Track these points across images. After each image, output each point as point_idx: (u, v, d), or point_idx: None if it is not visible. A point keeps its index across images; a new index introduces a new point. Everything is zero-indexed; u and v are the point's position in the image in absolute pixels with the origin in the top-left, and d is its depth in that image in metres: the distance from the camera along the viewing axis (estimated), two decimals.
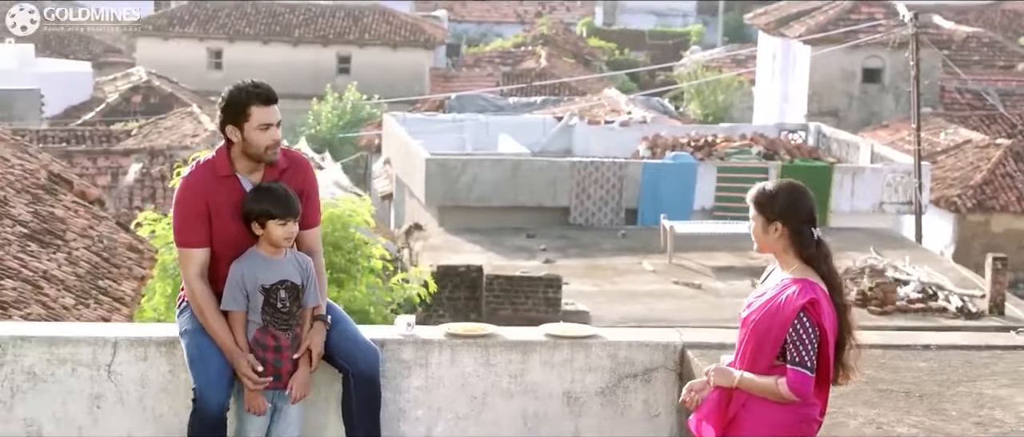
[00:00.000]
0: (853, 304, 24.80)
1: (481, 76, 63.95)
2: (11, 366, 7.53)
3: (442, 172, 36.32)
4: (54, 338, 7.65)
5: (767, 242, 6.63)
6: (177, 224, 7.48)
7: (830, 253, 6.62)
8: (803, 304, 6.33)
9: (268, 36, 64.00)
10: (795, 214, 6.60)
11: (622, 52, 76.30)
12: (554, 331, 7.90)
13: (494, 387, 7.77)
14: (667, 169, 36.23)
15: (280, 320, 7.37)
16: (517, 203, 36.06)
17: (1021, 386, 7.52)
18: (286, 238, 7.34)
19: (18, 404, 7.55)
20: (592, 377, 7.78)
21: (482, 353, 7.77)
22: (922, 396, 7.33)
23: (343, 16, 66.31)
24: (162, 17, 67.91)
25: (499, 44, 75.59)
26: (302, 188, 7.58)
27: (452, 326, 7.99)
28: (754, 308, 6.54)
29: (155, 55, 61.97)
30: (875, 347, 8.05)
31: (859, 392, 7.33)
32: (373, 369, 7.50)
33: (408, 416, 7.75)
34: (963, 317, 27.16)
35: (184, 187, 7.48)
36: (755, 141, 38.06)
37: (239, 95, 7.50)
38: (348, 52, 63.86)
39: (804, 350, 6.31)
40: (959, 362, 7.90)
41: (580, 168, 36.29)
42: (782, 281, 6.52)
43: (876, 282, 28.40)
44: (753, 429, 6.42)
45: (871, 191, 35.97)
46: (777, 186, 6.71)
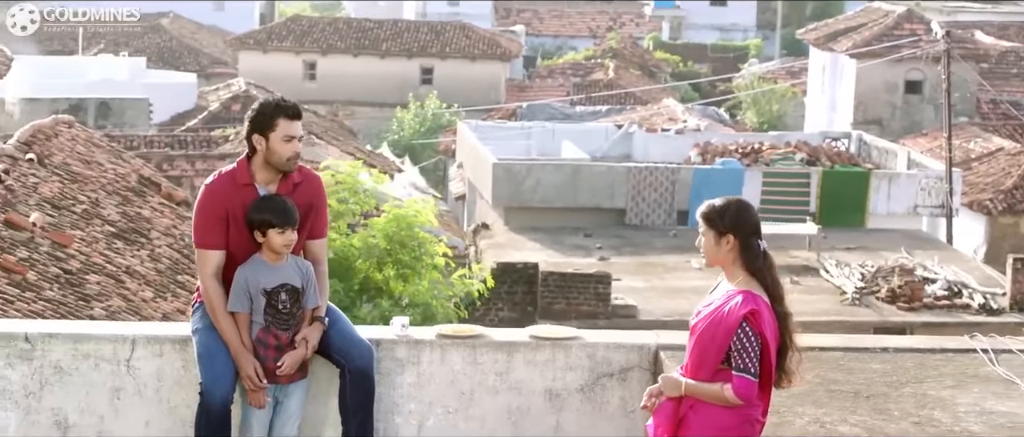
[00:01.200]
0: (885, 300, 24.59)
1: (552, 86, 63.95)
2: (40, 361, 7.59)
3: (508, 176, 36.34)
4: (78, 335, 7.71)
5: (717, 255, 6.58)
6: (197, 226, 7.52)
7: (774, 265, 6.58)
8: (745, 314, 6.31)
9: (358, 49, 64.18)
10: (743, 227, 6.57)
11: (686, 64, 75.93)
12: (537, 333, 7.90)
13: (481, 384, 7.76)
14: (716, 174, 36.10)
15: (281, 321, 7.40)
16: (577, 205, 36.03)
17: (964, 388, 7.44)
18: (285, 245, 7.37)
19: (47, 395, 7.61)
20: (572, 375, 7.76)
21: (470, 352, 7.76)
22: (870, 396, 7.26)
23: (426, 31, 66.50)
24: (263, 32, 68.31)
25: (571, 57, 75.46)
26: (313, 202, 7.62)
27: (443, 327, 8.02)
28: (701, 317, 6.52)
29: (255, 67, 62.31)
30: (835, 349, 7.99)
31: (811, 392, 7.27)
32: (367, 365, 7.52)
33: (401, 410, 7.75)
34: (985, 313, 26.93)
35: (206, 193, 7.53)
36: (798, 148, 37.84)
37: (269, 107, 7.54)
38: (431, 64, 63.94)
39: (747, 357, 6.29)
40: (911, 364, 7.80)
41: (635, 172, 36.24)
42: (727, 292, 6.49)
43: (905, 280, 28.22)
44: (700, 430, 6.41)
45: (906, 195, 35.69)
46: (726, 202, 6.67)
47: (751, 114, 62.31)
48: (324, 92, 62.32)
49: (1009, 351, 8.01)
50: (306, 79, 63.63)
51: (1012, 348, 8.03)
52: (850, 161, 38.03)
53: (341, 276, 23.00)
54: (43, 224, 18.49)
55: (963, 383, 7.52)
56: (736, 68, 73.17)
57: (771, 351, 6.34)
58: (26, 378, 7.59)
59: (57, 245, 18.08)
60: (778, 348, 6.44)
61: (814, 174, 35.69)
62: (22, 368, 7.58)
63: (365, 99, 62.17)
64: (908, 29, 48.80)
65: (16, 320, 8.86)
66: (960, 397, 7.28)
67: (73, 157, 22.29)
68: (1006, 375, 7.61)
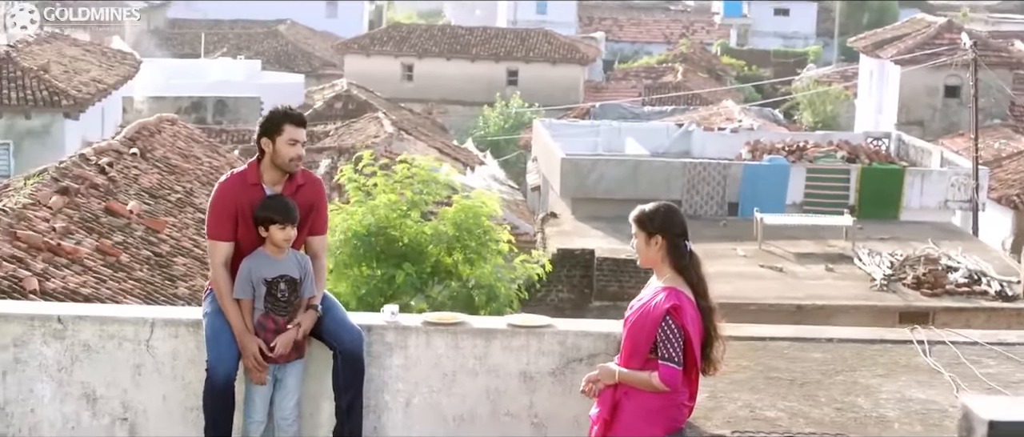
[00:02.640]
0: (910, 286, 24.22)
1: (626, 88, 63.82)
2: (71, 339, 7.74)
3: (574, 169, 36.29)
4: (104, 317, 7.85)
5: (648, 255, 6.61)
6: (210, 220, 7.65)
7: (700, 264, 6.60)
8: (668, 308, 6.34)
9: (450, 53, 64.39)
10: (671, 229, 6.59)
11: (750, 68, 75.41)
12: (514, 321, 7.94)
13: (462, 367, 7.81)
14: (764, 169, 35.84)
15: (280, 308, 7.51)
16: (637, 196, 35.29)
17: (892, 377, 7.39)
18: (285, 240, 7.48)
19: (77, 370, 7.76)
20: (545, 360, 7.79)
21: (452, 338, 7.82)
22: (804, 384, 7.22)
23: (513, 37, 66.58)
24: (366, 37, 68.69)
25: (645, 61, 75.28)
26: (313, 202, 7.73)
27: (428, 315, 8.07)
28: (633, 311, 6.54)
29: (359, 68, 62.68)
30: (783, 340, 7.94)
31: (751, 379, 7.26)
32: (357, 348, 7.61)
33: (390, 388, 7.82)
34: (1001, 299, 26.59)
35: (219, 191, 7.66)
36: (840, 147, 37.45)
37: (277, 114, 7.70)
38: (516, 67, 64.01)
39: (671, 347, 6.32)
40: (851, 354, 7.75)
41: (690, 167, 36.05)
42: (655, 289, 6.52)
43: (929, 268, 27.90)
44: (633, 413, 6.45)
45: (937, 190, 35.24)
46: (656, 207, 6.69)
47: (807, 114, 61.76)
48: (420, 92, 62.63)
49: (942, 343, 7.94)
50: (404, 80, 63.95)
51: (945, 340, 7.95)
52: (887, 159, 37.60)
53: (414, 259, 23.11)
54: (139, 211, 18.80)
55: (893, 372, 7.46)
56: (795, 72, 72.59)
57: (693, 342, 6.35)
58: (59, 354, 7.75)
59: (151, 230, 18.39)
60: (703, 339, 6.45)
61: (853, 170, 35.35)
62: (56, 345, 7.74)
63: (456, 98, 62.40)
64: (948, 38, 48.14)
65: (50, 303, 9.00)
66: (886, 385, 7.23)
67: (173, 151, 22.61)
68: (933, 365, 7.55)
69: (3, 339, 7.74)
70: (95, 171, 19.29)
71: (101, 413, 7.78)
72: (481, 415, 7.81)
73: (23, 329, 7.74)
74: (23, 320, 7.76)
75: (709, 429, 6.50)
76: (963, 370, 7.43)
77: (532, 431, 7.79)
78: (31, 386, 7.75)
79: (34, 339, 7.74)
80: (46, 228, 16.49)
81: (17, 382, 7.75)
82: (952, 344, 7.87)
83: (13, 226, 16.07)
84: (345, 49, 66.38)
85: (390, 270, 22.56)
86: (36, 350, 7.74)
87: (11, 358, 7.74)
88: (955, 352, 7.76)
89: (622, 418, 6.43)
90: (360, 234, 22.59)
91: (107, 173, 19.52)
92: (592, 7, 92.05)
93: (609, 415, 6.49)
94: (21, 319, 7.77)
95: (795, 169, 35.77)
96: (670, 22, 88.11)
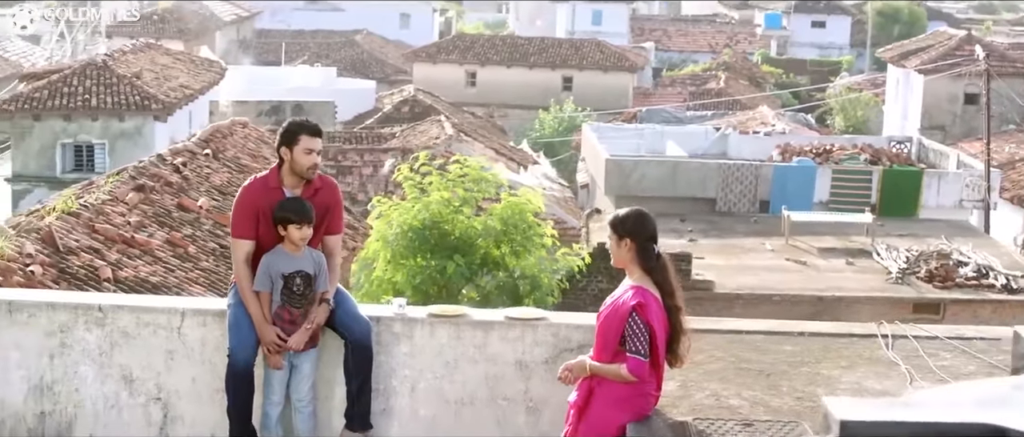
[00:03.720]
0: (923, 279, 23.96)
1: (672, 94, 63.54)
2: (111, 326, 7.87)
3: (618, 169, 36.24)
4: (140, 307, 7.98)
5: (619, 256, 6.62)
6: (234, 220, 7.74)
7: (668, 265, 6.60)
8: (634, 306, 6.35)
9: (510, 62, 64.38)
10: (641, 233, 6.58)
11: (788, 76, 74.88)
12: (511, 314, 7.98)
13: (463, 355, 7.86)
14: (792, 170, 35.61)
15: (295, 300, 7.60)
16: (675, 194, 35.74)
17: (852, 369, 7.35)
18: (301, 239, 7.56)
19: (116, 354, 7.90)
20: (539, 349, 7.82)
21: (454, 329, 7.87)
22: (770, 375, 7.20)
23: (568, 46, 66.48)
24: (433, 46, 68.80)
25: (691, 69, 74.85)
26: (329, 204, 7.79)
27: (433, 308, 8.13)
28: (605, 308, 6.57)
29: (427, 75, 62.84)
30: (758, 333, 7.92)
31: (722, 370, 7.25)
32: (366, 338, 7.68)
33: (398, 374, 7.89)
34: (1006, 292, 26.29)
35: (243, 194, 7.75)
36: (863, 150, 37.15)
37: (294, 125, 7.73)
38: (570, 74, 63.88)
39: (638, 341, 6.33)
40: (819, 347, 7.71)
41: (725, 168, 35.87)
42: (625, 288, 6.53)
43: (941, 263, 27.63)
44: (604, 401, 6.47)
45: (953, 191, 34.88)
46: (627, 213, 6.69)
47: (840, 119, 61.24)
48: (482, 97, 62.68)
49: (905, 337, 7.89)
50: (467, 86, 64.04)
51: (908, 334, 7.90)
52: (907, 161, 37.26)
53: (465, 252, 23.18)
54: (209, 207, 19.00)
55: (855, 364, 7.43)
56: (830, 80, 71.98)
57: (658, 337, 6.37)
58: (100, 340, 7.88)
59: (218, 224, 18.56)
60: (669, 335, 6.46)
61: (875, 172, 35.05)
62: (97, 332, 7.87)
63: (515, 103, 62.37)
64: (968, 50, 47.56)
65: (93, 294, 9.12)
66: (846, 376, 7.20)
67: (243, 152, 22.81)
68: (893, 358, 7.51)
69: (50, 326, 7.88)
70: (170, 170, 19.51)
71: (137, 393, 7.91)
72: (480, 399, 7.86)
73: (68, 317, 7.88)
74: (68, 309, 7.91)
75: (674, 416, 6.51)
76: (919, 363, 7.38)
77: (527, 414, 7.84)
78: (75, 368, 7.90)
79: (78, 326, 7.88)
80: (122, 222, 16.72)
81: (63, 364, 7.90)
82: (913, 338, 7.81)
83: (93, 220, 16.31)
84: (414, 57, 66.56)
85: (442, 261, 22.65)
86: (80, 336, 7.88)
87: (58, 343, 7.89)
88: (915, 346, 7.70)
89: (594, 405, 6.47)
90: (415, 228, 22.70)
91: (181, 172, 19.74)
92: (644, 19, 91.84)
93: (583, 402, 6.53)
94: (66, 308, 7.92)
95: (821, 170, 35.51)
96: (715, 33, 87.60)
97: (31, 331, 7.89)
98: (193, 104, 38.91)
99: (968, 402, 3.18)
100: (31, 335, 7.89)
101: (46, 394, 7.92)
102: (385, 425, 7.87)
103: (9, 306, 7.93)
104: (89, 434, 7.94)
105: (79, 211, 16.30)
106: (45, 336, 7.88)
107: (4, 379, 7.92)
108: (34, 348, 7.89)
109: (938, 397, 3.27)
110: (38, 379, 7.92)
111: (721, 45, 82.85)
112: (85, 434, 7.94)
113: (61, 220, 15.77)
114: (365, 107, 52.96)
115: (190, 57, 45.11)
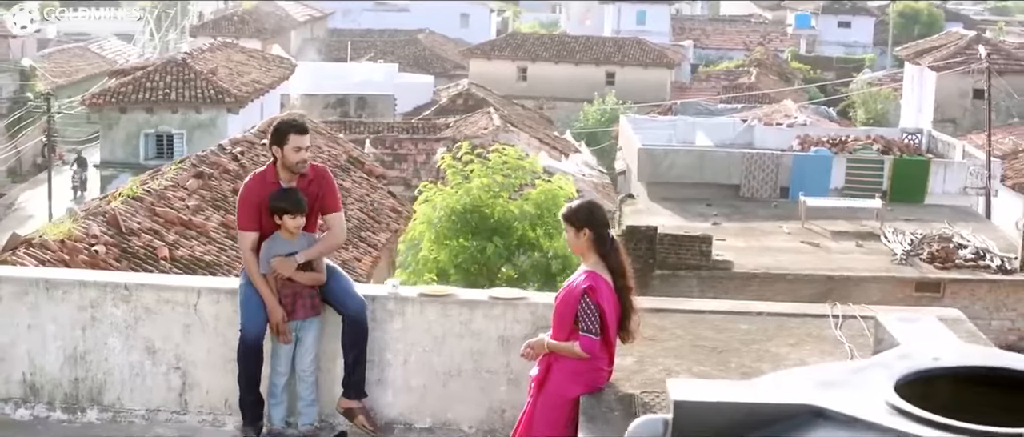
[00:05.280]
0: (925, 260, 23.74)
1: (707, 88, 63.20)
2: (135, 303, 8.00)
3: (650, 158, 36.10)
4: (161, 285, 8.10)
5: (576, 244, 6.64)
6: (239, 214, 7.85)
7: (620, 250, 6.60)
8: (585, 288, 6.37)
9: (558, 58, 64.29)
10: (594, 222, 6.59)
11: (815, 72, 74.19)
12: (494, 294, 8.03)
13: (450, 331, 7.90)
14: (810, 159, 35.35)
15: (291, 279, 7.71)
16: (702, 181, 35.57)
17: (800, 346, 7.31)
18: (296, 226, 7.64)
19: (140, 327, 8.02)
20: (519, 326, 7.83)
21: (442, 307, 7.91)
22: (723, 352, 7.17)
23: (611, 45, 66.31)
24: (487, 44, 68.81)
25: (725, 65, 74.39)
26: (320, 191, 7.83)
27: (423, 288, 8.19)
28: (561, 291, 6.61)
29: (481, 71, 62.87)
30: (718, 313, 7.90)
31: (678, 347, 7.25)
32: (360, 314, 7.75)
33: (391, 348, 7.96)
34: (1001, 273, 26.02)
35: (244, 190, 7.84)
36: (876, 141, 36.82)
37: (283, 125, 7.78)
38: (613, 70, 63.70)
39: (589, 320, 6.36)
40: (773, 326, 7.66)
41: (748, 157, 35.65)
42: (579, 272, 6.56)
43: (942, 245, 27.38)
44: (560, 376, 6.50)
45: (958, 178, 34.51)
46: (580, 204, 6.71)
47: (861, 112, 60.69)
48: (532, 90, 62.65)
49: (854, 317, 7.85)
50: (519, 80, 64.01)
51: (857, 315, 7.86)
52: (916, 151, 36.91)
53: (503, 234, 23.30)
54: None
55: (802, 342, 7.39)
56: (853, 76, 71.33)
57: (608, 316, 6.39)
58: (126, 315, 8.01)
59: None
60: (620, 314, 6.49)
61: (887, 161, 34.74)
62: (123, 307, 8.01)
63: (562, 96, 62.28)
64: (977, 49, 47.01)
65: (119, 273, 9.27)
66: (793, 354, 7.17)
67: None
68: (838, 337, 7.49)
69: (82, 301, 8.03)
70: (229, 158, 19.72)
71: (159, 362, 8.04)
72: (466, 371, 7.91)
73: (98, 294, 8.02)
74: (98, 286, 8.05)
75: (625, 389, 6.53)
76: (863, 341, 7.34)
77: (508, 385, 7.88)
78: (105, 339, 8.04)
79: (106, 302, 8.02)
80: (181, 206, 16.93)
81: (93, 336, 8.04)
82: (862, 318, 7.77)
83: (154, 204, 16.53)
84: (470, 54, 66.66)
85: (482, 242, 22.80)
86: (108, 311, 8.01)
87: (89, 317, 8.03)
88: (862, 325, 7.66)
89: (552, 378, 6.51)
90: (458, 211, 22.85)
91: (239, 160, 19.94)
92: (685, 19, 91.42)
93: (543, 376, 6.57)
94: (96, 286, 8.06)
95: (837, 159, 35.24)
96: (750, 32, 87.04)
97: (66, 306, 8.03)
98: (264, 97, 39.22)
99: (809, 384, 3.21)
100: (66, 310, 8.03)
101: (79, 362, 8.07)
102: (380, 394, 7.94)
103: (46, 284, 8.09)
104: (117, 398, 8.08)
105: (143, 196, 16.54)
106: (78, 310, 8.02)
107: (42, 349, 8.08)
108: (68, 321, 8.03)
109: (788, 379, 3.29)
110: (72, 349, 8.06)
111: (754, 43, 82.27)
112: (114, 398, 8.08)
113: (126, 204, 16.00)
114: (423, 100, 53.11)
115: (263, 54, 45.46)
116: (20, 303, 8.05)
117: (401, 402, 7.96)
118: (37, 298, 8.04)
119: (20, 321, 8.06)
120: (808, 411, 2.93)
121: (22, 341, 8.07)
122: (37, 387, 8.11)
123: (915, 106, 51.17)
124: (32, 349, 8.07)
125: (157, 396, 8.05)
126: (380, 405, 7.94)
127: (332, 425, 7.88)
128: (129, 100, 35.53)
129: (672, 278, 27.53)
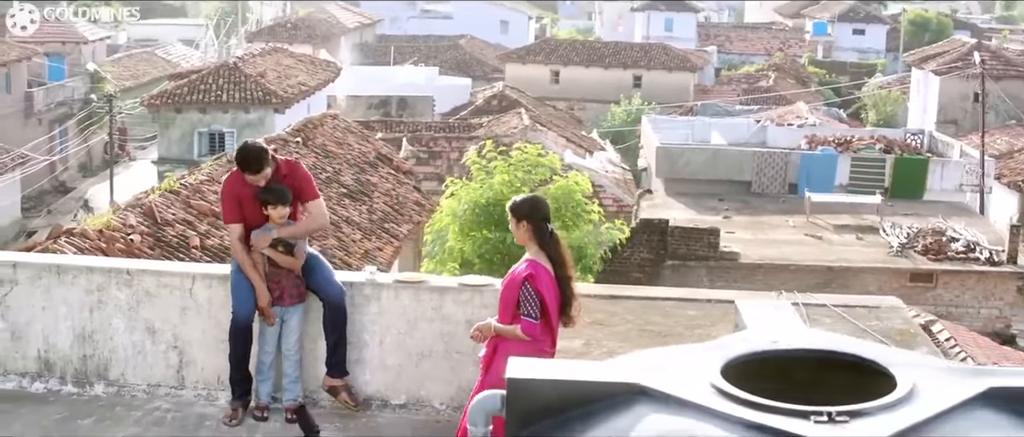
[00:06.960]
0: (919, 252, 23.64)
1: (728, 91, 62.85)
2: (136, 287, 8.14)
3: (667, 155, 36.07)
4: (160, 271, 8.23)
5: (519, 235, 6.70)
6: (223, 209, 7.97)
7: (560, 241, 6.65)
8: (526, 276, 6.43)
9: (589, 62, 64.11)
10: (535, 215, 6.64)
11: (830, 76, 73.59)
12: (463, 281, 8.09)
13: (422, 315, 7.98)
14: (817, 158, 35.15)
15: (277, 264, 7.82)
16: (716, 177, 35.48)
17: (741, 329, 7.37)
18: (280, 217, 7.76)
19: (141, 309, 8.16)
20: (486, 311, 7.80)
21: (415, 293, 7.99)
22: (666, 336, 7.20)
23: (638, 50, 66.06)
24: (522, 49, 68.63)
25: (746, 69, 73.94)
26: (295, 184, 7.89)
27: (399, 274, 8.27)
28: (505, 278, 6.67)
29: (516, 74, 62.83)
30: (669, 300, 7.92)
31: (626, 332, 7.29)
32: (339, 299, 7.85)
33: (368, 329, 8.05)
34: (989, 264, 25.80)
35: (224, 188, 7.97)
36: (879, 140, 36.55)
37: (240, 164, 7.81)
38: (640, 73, 63.38)
39: (529, 305, 6.42)
40: (719, 312, 7.67)
41: (759, 155, 35.51)
42: (522, 261, 6.62)
43: (935, 239, 27.20)
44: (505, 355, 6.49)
45: (954, 176, 34.20)
46: (524, 198, 6.77)
47: (872, 114, 60.16)
48: (564, 92, 62.56)
49: (797, 304, 7.86)
50: (552, 83, 63.90)
51: (800, 302, 7.86)
52: (916, 151, 36.61)
53: None
54: None
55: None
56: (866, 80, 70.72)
57: (548, 302, 6.45)
58: (128, 298, 8.16)
59: None
60: (561, 301, 6.54)
61: (888, 159, 34.51)
62: (126, 290, 8.15)
63: (592, 98, 62.12)
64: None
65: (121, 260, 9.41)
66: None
67: (330, 140, 23.13)
68: None
69: (90, 285, 8.19)
70: None
71: (159, 341, 8.18)
72: (437, 352, 8.00)
73: (103, 279, 8.17)
74: (103, 272, 8.20)
75: None
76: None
77: (475, 366, 7.84)
78: (109, 320, 8.19)
79: (111, 286, 8.17)
80: (215, 199, 17.10)
81: (99, 317, 8.20)
82: (803, 305, 7.78)
83: (189, 197, 16.72)
84: (507, 58, 66.59)
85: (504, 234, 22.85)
86: (112, 294, 8.16)
87: (95, 300, 8.19)
88: (804, 312, 7.68)
89: (497, 359, 6.56)
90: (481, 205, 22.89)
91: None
92: (710, 25, 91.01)
93: (490, 357, 6.65)
94: (102, 271, 8.21)
95: (842, 158, 35.04)
96: (771, 38, 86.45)
97: (75, 289, 8.19)
98: (311, 98, 39.45)
99: (648, 363, 3.26)
100: (75, 293, 8.19)
101: (87, 341, 8.23)
102: (359, 372, 8.04)
103: (58, 269, 8.25)
104: (121, 373, 8.23)
105: (178, 189, 16.73)
106: (86, 293, 8.17)
107: (55, 328, 8.24)
108: (77, 303, 8.19)
109: (632, 359, 3.34)
110: (81, 329, 8.22)
111: (775, 49, 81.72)
112: (118, 374, 8.23)
113: (162, 197, 16.20)
114: (461, 101, 53.17)
115: (311, 59, 45.73)
116: (35, 287, 8.23)
117: (378, 380, 8.06)
118: (50, 282, 8.21)
119: (35, 303, 8.24)
120: (632, 389, 2.99)
121: (37, 321, 8.25)
122: (51, 363, 8.28)
123: (921, 108, 50.73)
124: (46, 328, 8.24)
125: (157, 372, 8.20)
126: (359, 383, 8.03)
127: (314, 399, 7.99)
128: (185, 101, 35.88)
129: (682, 268, 27.52)
